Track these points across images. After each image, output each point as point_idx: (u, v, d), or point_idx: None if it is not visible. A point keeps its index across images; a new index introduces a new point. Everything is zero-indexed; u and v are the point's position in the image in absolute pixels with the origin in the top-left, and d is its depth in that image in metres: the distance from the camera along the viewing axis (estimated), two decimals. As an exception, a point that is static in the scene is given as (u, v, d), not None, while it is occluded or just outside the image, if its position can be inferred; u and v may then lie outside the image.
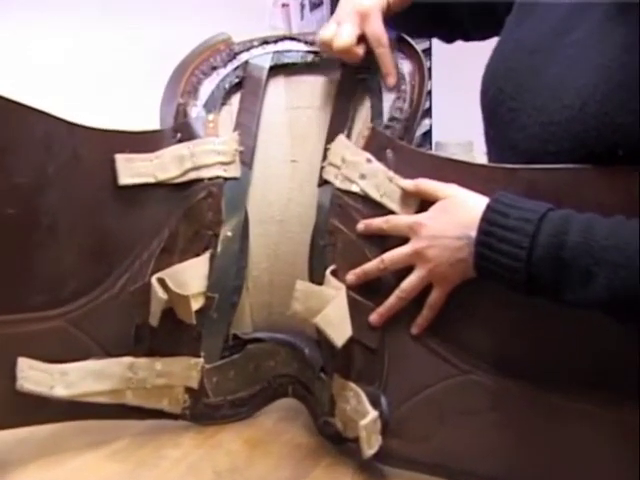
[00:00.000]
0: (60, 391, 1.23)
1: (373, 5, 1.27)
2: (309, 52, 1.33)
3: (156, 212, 1.29)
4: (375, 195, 1.21)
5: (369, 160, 1.22)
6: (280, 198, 1.32)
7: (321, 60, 1.32)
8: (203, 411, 1.31)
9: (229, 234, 1.28)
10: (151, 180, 1.28)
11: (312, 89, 1.33)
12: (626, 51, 1.06)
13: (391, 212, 1.20)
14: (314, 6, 2.74)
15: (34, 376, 1.20)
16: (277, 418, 1.34)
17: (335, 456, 1.25)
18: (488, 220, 1.09)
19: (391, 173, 1.20)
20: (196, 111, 1.31)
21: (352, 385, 1.20)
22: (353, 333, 1.19)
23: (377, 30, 1.26)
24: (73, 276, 1.26)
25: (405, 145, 1.22)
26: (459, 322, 1.17)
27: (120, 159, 1.26)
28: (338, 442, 1.26)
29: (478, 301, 1.15)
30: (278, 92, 1.34)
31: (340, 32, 1.26)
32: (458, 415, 1.17)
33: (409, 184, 1.18)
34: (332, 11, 2.80)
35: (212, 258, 1.28)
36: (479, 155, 1.26)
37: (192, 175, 1.28)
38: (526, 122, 1.14)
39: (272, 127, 1.33)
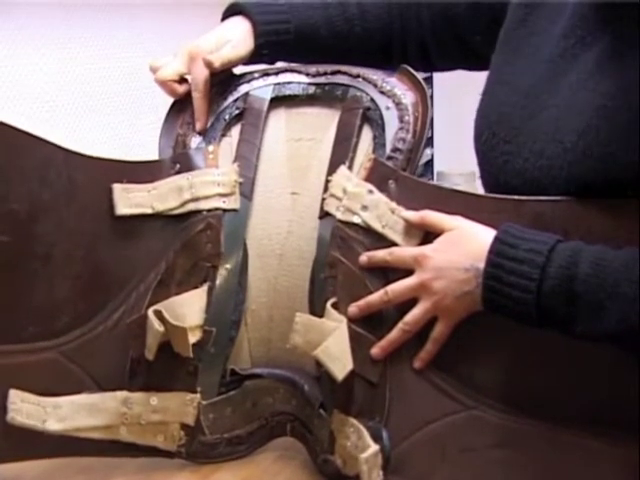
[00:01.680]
0: (53, 425, 1.19)
1: (204, 49, 1.29)
2: (310, 84, 1.32)
3: (153, 244, 1.26)
4: (377, 227, 1.19)
5: (371, 191, 1.20)
6: (280, 231, 1.30)
7: (323, 92, 1.31)
8: (199, 449, 1.28)
9: (228, 267, 1.26)
10: (148, 211, 1.26)
11: (313, 121, 1.32)
12: (626, 91, 1.05)
13: (393, 244, 1.18)
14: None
15: (26, 408, 1.17)
16: (275, 457, 1.30)
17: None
18: (496, 252, 1.07)
19: (394, 204, 1.19)
20: (196, 142, 1.29)
21: (353, 421, 1.18)
22: (354, 367, 1.16)
23: (198, 75, 1.29)
24: (67, 307, 1.24)
25: (408, 176, 1.20)
26: (463, 357, 1.15)
27: (117, 189, 1.24)
28: (337, 481, 1.22)
29: (483, 336, 1.13)
30: (279, 124, 1.32)
31: (166, 65, 1.30)
32: (461, 452, 1.15)
33: (414, 216, 1.16)
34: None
35: (210, 291, 1.25)
36: (481, 186, 1.24)
37: (191, 206, 1.26)
38: (522, 166, 1.14)
39: (272, 159, 1.31)
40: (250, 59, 1.33)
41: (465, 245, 1.11)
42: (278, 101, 1.32)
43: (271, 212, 1.30)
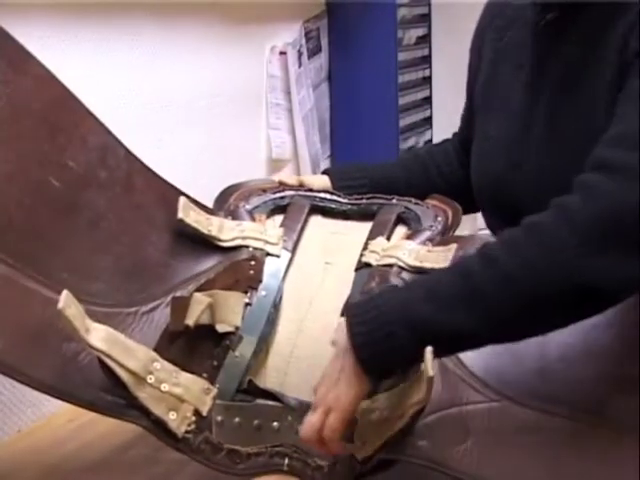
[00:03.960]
0: (94, 339, 1.15)
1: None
2: (347, 204, 1.50)
3: (199, 262, 1.35)
4: (415, 263, 1.32)
5: (410, 243, 1.35)
6: (314, 281, 1.39)
7: (359, 209, 1.49)
8: (202, 447, 1.22)
9: (263, 293, 1.33)
10: (204, 231, 1.36)
11: (349, 224, 1.48)
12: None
13: (430, 271, 1.29)
14: (312, 53, 2.70)
15: (74, 311, 1.15)
16: (275, 478, 1.24)
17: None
18: (350, 311, 1.11)
19: (430, 247, 1.33)
20: (245, 211, 1.44)
21: (380, 395, 1.18)
22: None
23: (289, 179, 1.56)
24: (105, 276, 1.29)
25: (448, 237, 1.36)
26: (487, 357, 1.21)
27: (183, 200, 1.36)
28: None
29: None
30: (316, 222, 1.49)
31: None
32: (485, 433, 1.15)
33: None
34: (330, 58, 2.80)
35: (245, 306, 1.31)
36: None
37: (239, 242, 1.38)
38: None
39: (310, 241, 1.45)
40: None
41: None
42: (317, 210, 1.50)
43: (306, 270, 1.40)
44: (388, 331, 1.06)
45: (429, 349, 1.05)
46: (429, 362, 1.04)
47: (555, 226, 1.04)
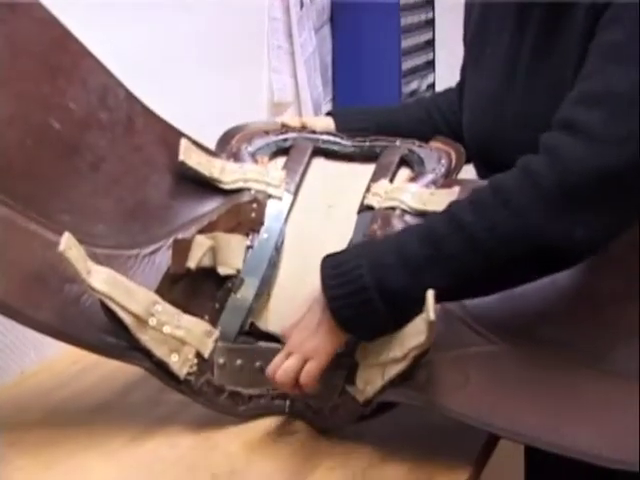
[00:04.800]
0: (96, 282, 1.15)
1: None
2: (351, 146, 1.49)
3: (201, 203, 1.34)
4: (419, 206, 1.31)
5: (413, 186, 1.34)
6: (316, 224, 1.39)
7: (361, 151, 1.48)
8: (204, 389, 1.23)
9: (265, 236, 1.33)
10: (206, 173, 1.35)
11: (352, 167, 1.48)
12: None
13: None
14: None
15: (75, 253, 1.14)
16: (276, 420, 1.26)
17: (337, 459, 1.18)
18: (325, 270, 1.15)
19: (433, 189, 1.33)
20: (248, 153, 1.43)
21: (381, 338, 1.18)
22: None
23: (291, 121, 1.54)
24: (106, 218, 1.29)
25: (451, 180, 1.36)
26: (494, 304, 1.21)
27: (185, 142, 1.36)
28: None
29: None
30: (319, 164, 1.48)
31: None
32: (485, 379, 1.15)
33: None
34: (332, 0, 2.76)
35: (247, 249, 1.31)
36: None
37: (240, 184, 1.37)
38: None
39: (312, 185, 1.44)
40: None
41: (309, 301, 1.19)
42: (319, 153, 1.49)
43: (308, 213, 1.40)
44: (364, 298, 1.11)
45: (431, 292, 1.06)
46: (430, 306, 1.05)
47: (521, 190, 1.07)
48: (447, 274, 1.09)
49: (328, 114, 1.61)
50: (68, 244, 1.12)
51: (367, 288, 1.10)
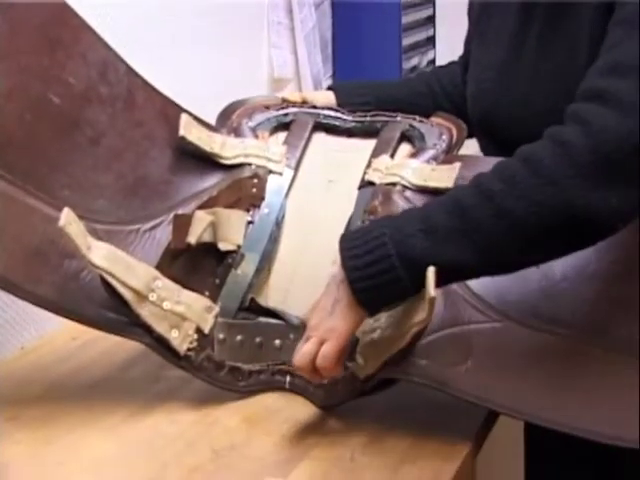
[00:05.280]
0: (96, 257, 1.14)
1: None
2: (352, 121, 1.48)
3: (202, 179, 1.34)
4: (419, 182, 1.31)
5: (414, 162, 1.34)
6: (317, 199, 1.39)
7: (362, 126, 1.47)
8: (204, 365, 1.22)
9: (266, 211, 1.33)
10: (206, 148, 1.35)
11: (353, 142, 1.47)
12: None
13: (435, 192, 1.28)
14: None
15: (75, 228, 1.14)
16: (276, 395, 1.26)
17: (336, 435, 1.18)
18: (344, 243, 1.11)
19: (434, 165, 1.32)
20: (248, 128, 1.43)
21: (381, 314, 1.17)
22: None
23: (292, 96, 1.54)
24: (106, 194, 1.28)
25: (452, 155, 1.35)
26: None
27: (185, 117, 1.35)
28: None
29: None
30: (319, 139, 1.47)
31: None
32: (486, 353, 1.15)
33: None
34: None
35: (248, 224, 1.30)
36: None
37: (241, 159, 1.37)
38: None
39: (313, 160, 1.44)
40: None
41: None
42: (320, 128, 1.48)
43: (309, 188, 1.40)
44: (384, 267, 1.06)
45: (431, 269, 1.05)
46: (431, 282, 1.04)
47: (553, 160, 1.03)
48: (473, 246, 1.05)
49: (329, 88, 1.60)
50: (68, 219, 1.11)
51: (390, 255, 1.06)
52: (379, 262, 1.06)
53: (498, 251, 1.06)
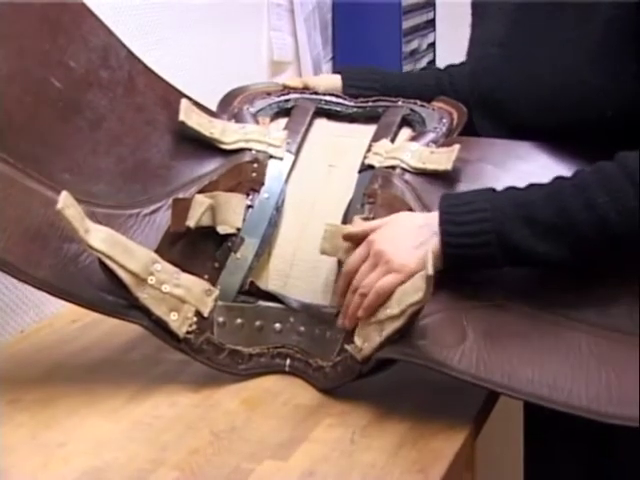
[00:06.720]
0: (93, 240, 1.14)
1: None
2: (353, 107, 1.49)
3: (201, 164, 1.34)
4: (418, 164, 1.31)
5: (413, 145, 1.34)
6: (316, 185, 1.38)
7: (364, 111, 1.48)
8: (204, 348, 1.23)
9: (266, 196, 1.33)
10: (206, 133, 1.35)
11: (353, 127, 1.47)
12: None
13: (433, 174, 1.29)
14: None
15: (73, 212, 1.14)
16: (276, 378, 1.26)
17: (336, 417, 1.18)
18: (446, 204, 1.16)
19: (433, 148, 1.32)
20: (249, 114, 1.43)
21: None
22: None
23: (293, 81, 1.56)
24: (106, 177, 1.29)
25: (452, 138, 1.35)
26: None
27: (185, 102, 1.35)
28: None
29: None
30: (321, 124, 1.47)
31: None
32: (482, 336, 1.14)
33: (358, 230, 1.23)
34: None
35: (247, 208, 1.31)
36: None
37: (241, 144, 1.37)
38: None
39: (314, 144, 1.43)
40: None
41: (410, 221, 1.20)
42: (321, 113, 1.48)
43: (309, 173, 1.39)
44: (482, 241, 1.12)
45: (429, 250, 1.06)
46: (429, 261, 1.05)
47: None
48: (567, 246, 1.11)
49: (336, 72, 1.60)
50: (66, 203, 1.12)
51: (488, 232, 1.12)
52: (477, 235, 1.12)
53: (590, 253, 1.13)
